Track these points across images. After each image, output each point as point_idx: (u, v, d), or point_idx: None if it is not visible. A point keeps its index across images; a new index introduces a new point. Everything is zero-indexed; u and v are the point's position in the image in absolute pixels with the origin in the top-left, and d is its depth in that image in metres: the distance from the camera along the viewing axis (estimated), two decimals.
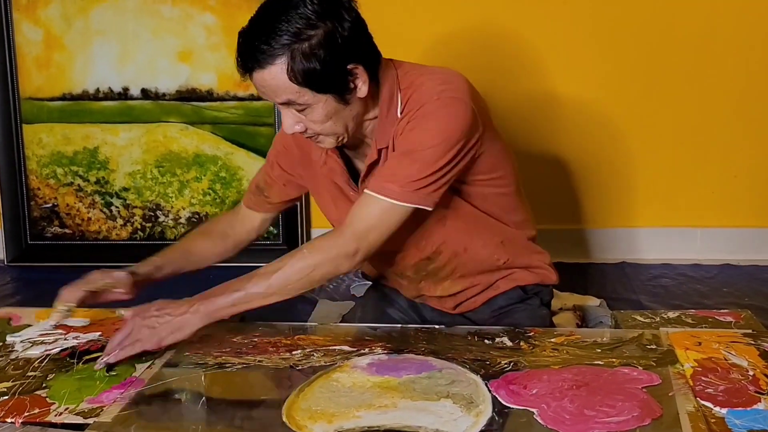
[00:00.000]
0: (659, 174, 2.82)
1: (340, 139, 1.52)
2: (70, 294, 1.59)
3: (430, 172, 1.46)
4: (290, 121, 1.48)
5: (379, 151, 1.54)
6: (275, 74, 1.40)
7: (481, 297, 1.71)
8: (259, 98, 2.85)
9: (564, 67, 2.74)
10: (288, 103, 1.45)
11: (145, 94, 2.89)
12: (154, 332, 1.44)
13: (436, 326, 1.64)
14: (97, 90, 2.90)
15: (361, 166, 1.60)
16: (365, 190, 1.50)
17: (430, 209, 1.49)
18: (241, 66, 1.44)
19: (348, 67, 1.43)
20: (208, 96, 2.87)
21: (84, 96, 2.90)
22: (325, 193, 1.68)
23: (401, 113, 1.50)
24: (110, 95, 2.90)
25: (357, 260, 1.48)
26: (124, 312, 1.56)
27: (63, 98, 2.91)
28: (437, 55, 2.52)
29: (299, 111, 1.46)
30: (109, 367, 1.43)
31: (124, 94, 2.90)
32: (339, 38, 1.41)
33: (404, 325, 1.66)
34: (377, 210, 1.47)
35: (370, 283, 1.89)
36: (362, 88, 1.46)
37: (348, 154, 1.63)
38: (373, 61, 1.49)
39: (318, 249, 1.49)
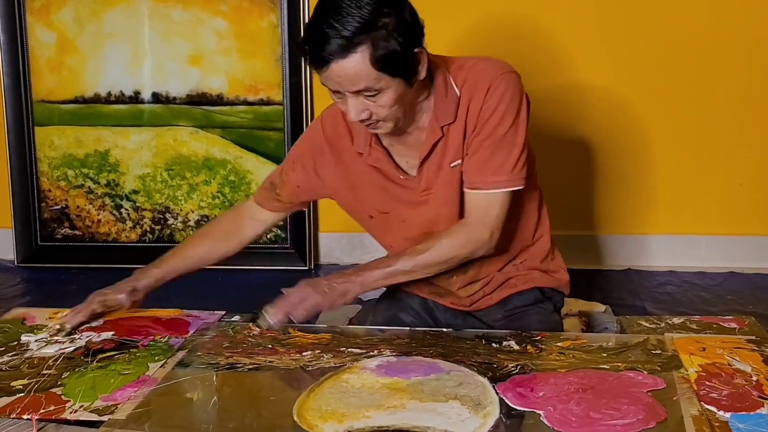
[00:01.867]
0: (665, 182, 2.83)
1: (398, 123, 1.57)
2: (73, 318, 1.68)
3: (519, 152, 1.59)
4: (357, 109, 1.51)
5: (443, 128, 1.60)
6: (357, 62, 1.43)
7: (497, 294, 1.74)
8: (268, 103, 2.88)
9: (562, 70, 2.76)
10: (363, 91, 1.48)
11: (156, 97, 2.92)
12: (326, 296, 1.59)
13: (444, 329, 1.66)
14: (109, 93, 2.93)
15: (405, 152, 1.65)
16: (481, 190, 1.59)
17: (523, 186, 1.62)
18: (314, 60, 1.46)
19: (415, 50, 1.49)
20: (218, 100, 2.90)
21: (96, 99, 2.93)
22: (367, 184, 1.70)
23: (460, 92, 1.59)
24: (121, 98, 2.93)
25: (492, 245, 1.63)
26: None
27: (75, 101, 2.94)
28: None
29: (369, 97, 1.49)
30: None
31: (135, 98, 2.93)
32: (408, 22, 1.47)
33: (413, 328, 1.68)
34: (498, 201, 1.60)
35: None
36: (422, 71, 1.53)
37: (386, 145, 1.67)
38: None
39: (458, 237, 1.62)
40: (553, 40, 2.75)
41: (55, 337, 1.63)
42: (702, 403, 1.29)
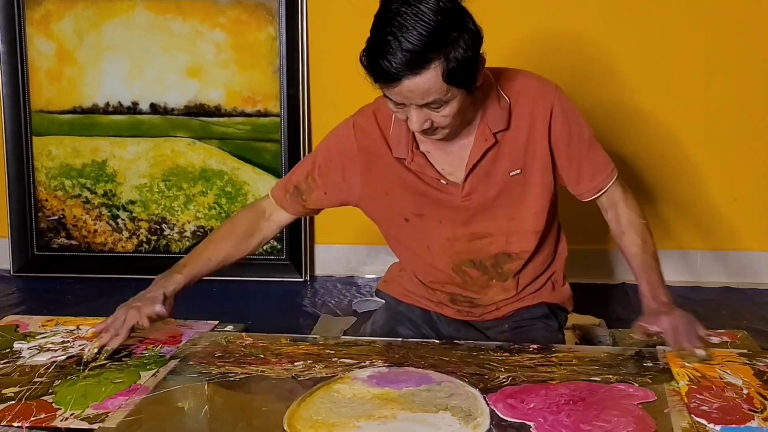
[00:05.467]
0: (660, 196, 2.84)
1: (455, 129, 1.59)
2: (114, 341, 1.58)
3: (599, 143, 1.72)
4: (420, 120, 1.51)
5: (495, 135, 1.63)
6: (430, 78, 1.43)
7: (507, 307, 1.76)
8: (265, 114, 2.89)
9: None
10: (431, 103, 1.48)
11: (154, 108, 2.93)
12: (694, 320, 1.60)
13: (437, 341, 1.67)
14: (107, 104, 2.94)
15: (444, 158, 1.66)
16: (604, 188, 1.71)
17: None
18: (384, 77, 1.44)
19: (478, 59, 1.51)
20: (216, 112, 2.92)
21: (94, 110, 2.95)
22: (403, 188, 1.70)
23: (510, 99, 1.64)
24: (120, 109, 2.94)
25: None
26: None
27: (73, 111, 2.96)
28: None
29: (435, 108, 1.50)
30: None
31: (133, 109, 2.94)
32: (474, 35, 1.48)
33: (405, 339, 1.68)
34: (618, 185, 1.74)
35: (372, 299, 1.92)
36: (480, 78, 1.54)
37: (423, 151, 1.67)
38: None
39: (634, 208, 1.76)
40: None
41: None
42: (692, 415, 1.29)
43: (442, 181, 1.66)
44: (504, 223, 1.68)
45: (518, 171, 1.64)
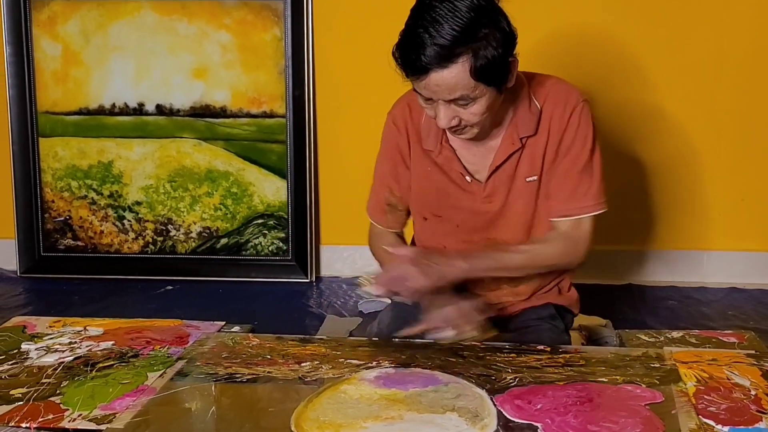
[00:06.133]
0: (666, 196, 2.84)
1: (483, 129, 1.59)
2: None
3: (600, 177, 1.68)
4: (448, 117, 1.52)
5: (522, 140, 1.63)
6: (457, 72, 1.45)
7: (513, 307, 1.77)
8: (271, 116, 2.89)
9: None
10: (457, 99, 1.49)
11: (160, 109, 2.94)
12: (426, 276, 1.58)
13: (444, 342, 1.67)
14: (113, 105, 2.95)
15: (470, 157, 1.66)
16: (571, 217, 1.65)
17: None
18: (413, 68, 1.46)
19: (509, 59, 1.51)
20: (222, 112, 2.92)
21: (100, 111, 2.95)
22: (425, 184, 1.71)
23: (541, 106, 1.64)
24: (126, 110, 2.95)
25: (582, 261, 1.71)
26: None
27: (79, 113, 2.96)
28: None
29: (463, 105, 1.50)
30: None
31: (139, 110, 2.94)
32: (506, 33, 1.48)
33: (412, 340, 1.68)
34: (588, 223, 1.68)
35: (378, 300, 1.92)
36: (512, 79, 1.55)
37: (452, 146, 1.68)
38: None
39: (559, 248, 1.67)
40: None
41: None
42: (700, 416, 1.29)
43: (467, 177, 1.67)
44: (520, 233, 1.69)
45: (534, 178, 1.65)
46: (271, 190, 2.94)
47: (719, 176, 2.81)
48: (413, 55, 1.44)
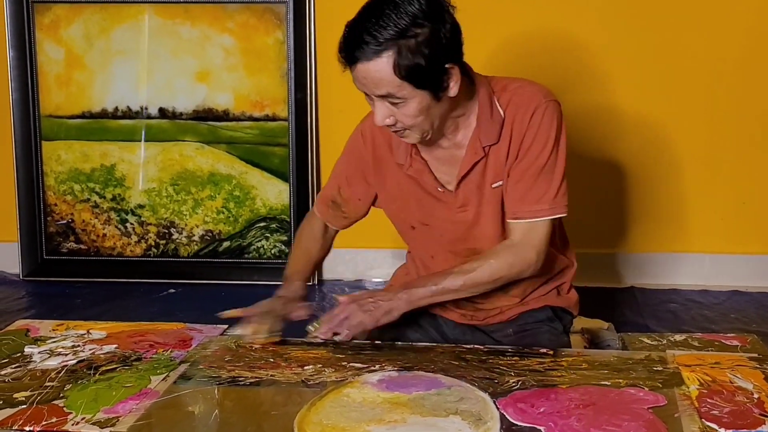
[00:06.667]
0: (668, 200, 2.84)
1: (425, 135, 1.58)
2: (260, 328, 1.67)
3: (560, 180, 1.62)
4: (382, 114, 1.53)
5: (485, 148, 1.62)
6: (381, 67, 1.46)
7: (510, 311, 1.76)
8: (273, 119, 2.90)
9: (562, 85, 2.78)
10: (385, 96, 1.50)
11: (163, 113, 2.95)
12: (371, 314, 1.60)
13: (447, 345, 1.67)
14: (116, 108, 2.96)
15: (440, 167, 1.67)
16: (523, 219, 1.61)
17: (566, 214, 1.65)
18: (345, 57, 1.50)
19: (446, 66, 1.50)
20: (224, 116, 2.93)
21: (103, 114, 2.96)
22: (404, 195, 1.71)
23: (504, 113, 1.61)
24: (128, 114, 2.95)
25: (538, 267, 1.65)
26: (339, 297, 1.69)
27: (82, 116, 2.97)
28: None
29: (393, 104, 1.51)
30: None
31: (141, 113, 2.95)
32: (442, 38, 1.48)
33: (414, 343, 1.68)
34: (542, 227, 1.63)
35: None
36: (454, 87, 1.53)
37: (424, 158, 1.68)
38: (464, 64, 1.57)
39: (506, 259, 1.63)
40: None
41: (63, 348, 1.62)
42: (703, 420, 1.29)
43: (439, 188, 1.67)
44: (495, 240, 1.67)
45: (500, 183, 1.63)
46: (273, 193, 2.95)
47: (721, 180, 2.81)
48: (347, 44, 1.48)
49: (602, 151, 2.80)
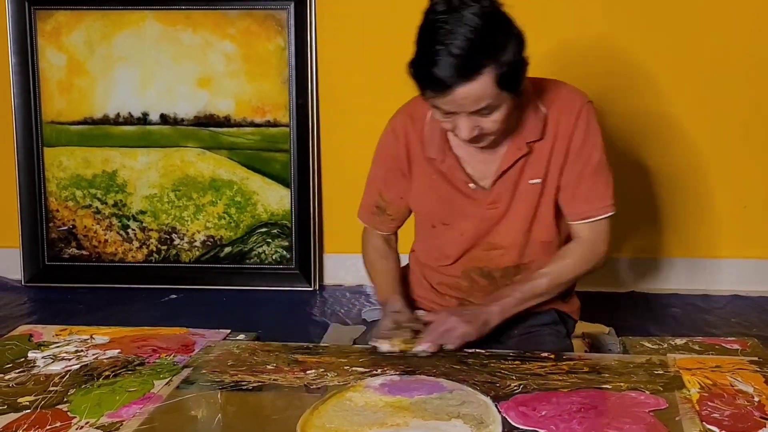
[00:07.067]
0: (669, 204, 2.85)
1: (500, 137, 1.60)
2: (396, 341, 1.64)
3: (612, 177, 1.69)
4: (469, 127, 1.52)
5: (528, 144, 1.64)
6: (483, 84, 1.45)
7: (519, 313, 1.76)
8: (275, 125, 2.91)
9: None
10: (483, 109, 1.49)
11: (164, 119, 2.96)
12: (472, 325, 1.61)
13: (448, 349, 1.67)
14: (118, 115, 2.97)
15: (474, 164, 1.67)
16: (592, 218, 1.67)
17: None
18: (436, 84, 1.45)
19: (526, 63, 1.52)
20: (226, 122, 2.94)
21: (104, 120, 2.97)
22: (430, 193, 1.72)
23: (548, 111, 1.64)
24: (130, 120, 2.96)
25: (606, 260, 1.73)
26: (422, 313, 1.71)
27: (84, 122, 2.98)
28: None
29: (485, 114, 1.50)
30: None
31: (143, 119, 2.96)
32: (520, 39, 1.49)
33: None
34: (607, 223, 1.70)
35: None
36: (524, 83, 1.55)
37: (457, 154, 1.68)
38: None
39: (581, 256, 1.70)
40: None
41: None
42: (704, 423, 1.29)
43: (471, 185, 1.68)
44: (519, 236, 1.70)
45: (538, 180, 1.65)
46: (274, 198, 2.96)
47: (722, 184, 2.81)
48: (436, 72, 1.42)
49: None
